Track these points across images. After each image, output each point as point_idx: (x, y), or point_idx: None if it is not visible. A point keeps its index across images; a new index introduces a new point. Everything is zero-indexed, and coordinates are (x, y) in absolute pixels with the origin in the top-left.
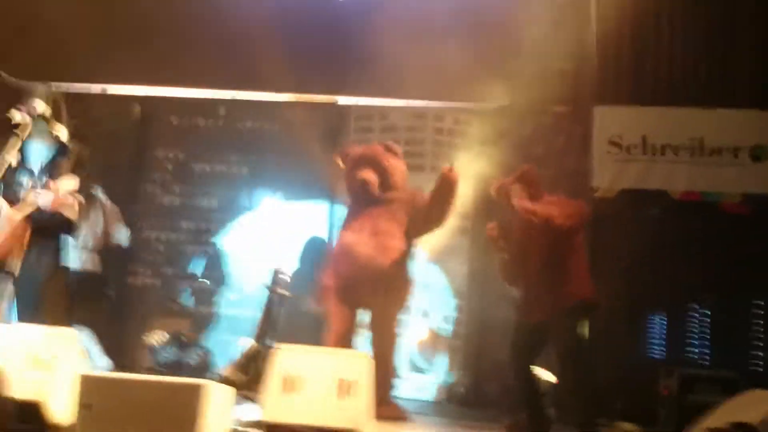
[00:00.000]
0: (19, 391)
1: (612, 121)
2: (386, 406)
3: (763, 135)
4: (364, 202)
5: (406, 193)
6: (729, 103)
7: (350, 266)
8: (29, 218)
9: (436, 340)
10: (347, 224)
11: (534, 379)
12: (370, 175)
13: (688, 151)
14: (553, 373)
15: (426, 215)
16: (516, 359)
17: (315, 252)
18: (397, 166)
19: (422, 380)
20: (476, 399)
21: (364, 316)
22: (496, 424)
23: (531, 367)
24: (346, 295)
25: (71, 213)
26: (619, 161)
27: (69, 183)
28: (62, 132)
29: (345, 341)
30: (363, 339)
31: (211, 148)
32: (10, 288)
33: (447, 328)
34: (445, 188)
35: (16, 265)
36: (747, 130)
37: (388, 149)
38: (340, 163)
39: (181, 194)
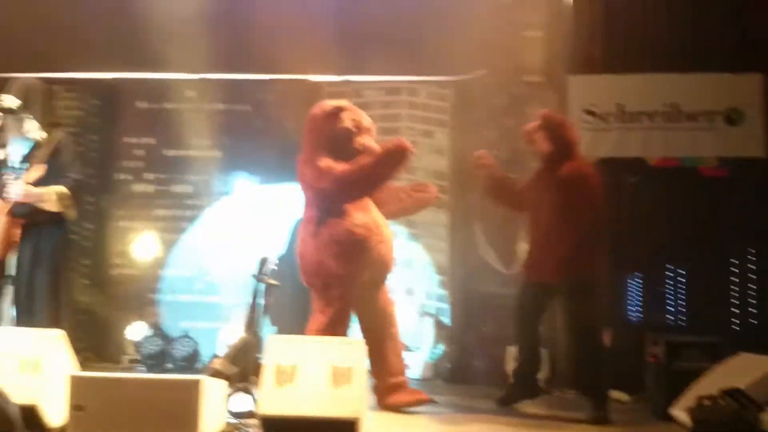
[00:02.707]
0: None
1: (586, 89)
2: (407, 392)
3: (737, 98)
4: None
5: None
6: (703, 68)
7: (364, 260)
8: (11, 214)
9: (421, 317)
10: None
11: (536, 345)
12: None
13: (664, 117)
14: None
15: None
16: (519, 321)
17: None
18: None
19: (409, 358)
20: (463, 374)
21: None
22: (485, 399)
23: (534, 331)
24: (351, 285)
25: (51, 205)
26: (594, 130)
27: (33, 173)
28: (31, 125)
29: (339, 329)
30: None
31: (182, 133)
32: (5, 287)
33: (431, 304)
34: (423, 204)
35: (9, 264)
36: (722, 94)
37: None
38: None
39: (155, 181)
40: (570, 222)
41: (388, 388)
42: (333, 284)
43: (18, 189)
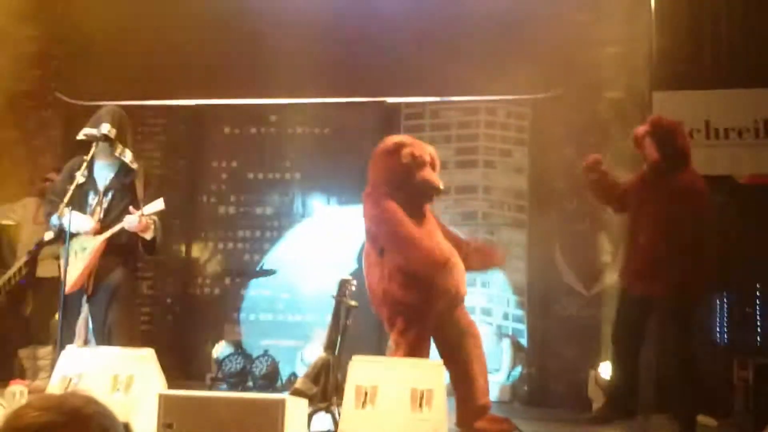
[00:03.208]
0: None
1: (671, 106)
2: (493, 419)
3: None
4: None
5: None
6: None
7: (430, 287)
8: (109, 240)
9: (498, 339)
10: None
11: (634, 362)
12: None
13: (753, 133)
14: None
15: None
16: (617, 335)
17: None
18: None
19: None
20: (542, 397)
21: None
22: (563, 423)
23: (633, 346)
24: (421, 314)
25: (150, 234)
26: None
27: (155, 205)
28: (127, 154)
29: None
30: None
31: (263, 156)
32: (86, 309)
33: (509, 325)
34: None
35: (89, 286)
36: None
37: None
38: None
39: (238, 203)
40: (679, 236)
41: (474, 410)
42: (401, 313)
43: (133, 221)
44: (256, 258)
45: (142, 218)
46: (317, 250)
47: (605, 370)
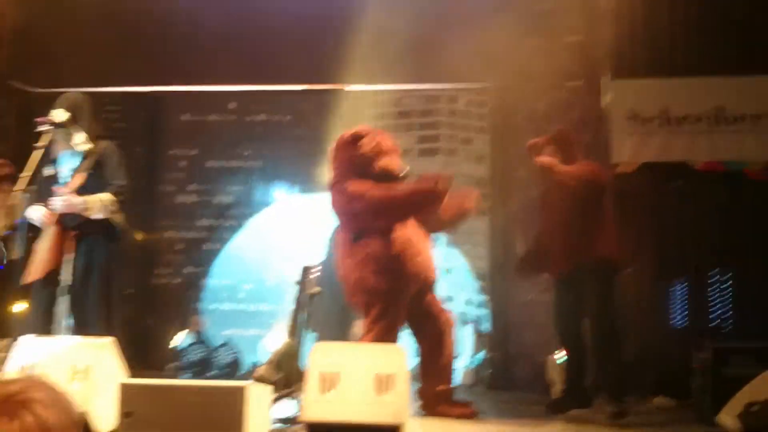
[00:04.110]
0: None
1: (629, 94)
2: (455, 404)
3: None
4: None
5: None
6: (749, 70)
7: (404, 274)
8: (61, 225)
9: (461, 324)
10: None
11: (578, 346)
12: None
13: (709, 120)
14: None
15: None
16: (556, 320)
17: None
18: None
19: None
20: (504, 381)
21: None
22: (526, 405)
23: (573, 331)
24: (395, 300)
25: (95, 212)
26: (638, 135)
27: (75, 182)
28: (78, 137)
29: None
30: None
31: (224, 144)
32: (61, 297)
33: (471, 311)
34: (464, 218)
35: (63, 273)
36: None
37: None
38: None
39: (198, 192)
40: (574, 212)
41: (435, 395)
42: (375, 302)
43: (60, 199)
44: (216, 247)
45: (71, 198)
46: (279, 239)
47: (559, 355)
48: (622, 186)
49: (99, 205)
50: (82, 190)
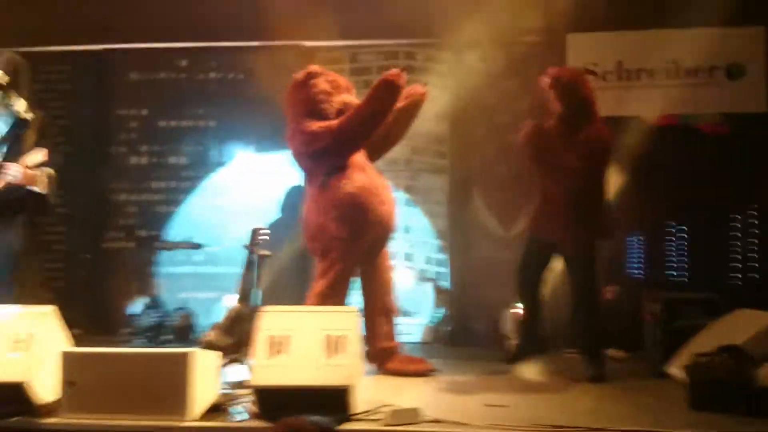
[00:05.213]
0: (2, 373)
1: (586, 48)
2: (411, 360)
3: (738, 53)
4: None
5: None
6: (703, 22)
7: (365, 222)
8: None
9: (420, 282)
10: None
11: (538, 301)
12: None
13: (664, 73)
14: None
15: (387, 135)
16: (522, 277)
17: (296, 202)
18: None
19: (409, 323)
20: (464, 338)
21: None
22: (483, 361)
23: (536, 287)
24: (352, 248)
25: (42, 187)
26: (597, 89)
27: (36, 156)
28: (20, 104)
29: (339, 293)
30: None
31: (175, 103)
32: None
33: (431, 269)
34: (414, 107)
35: None
36: (723, 48)
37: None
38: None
39: (150, 153)
40: (586, 186)
41: (380, 353)
42: (333, 248)
43: (17, 172)
44: (171, 209)
45: (27, 170)
46: (234, 200)
47: (517, 309)
48: None
49: (46, 180)
50: (9, 158)
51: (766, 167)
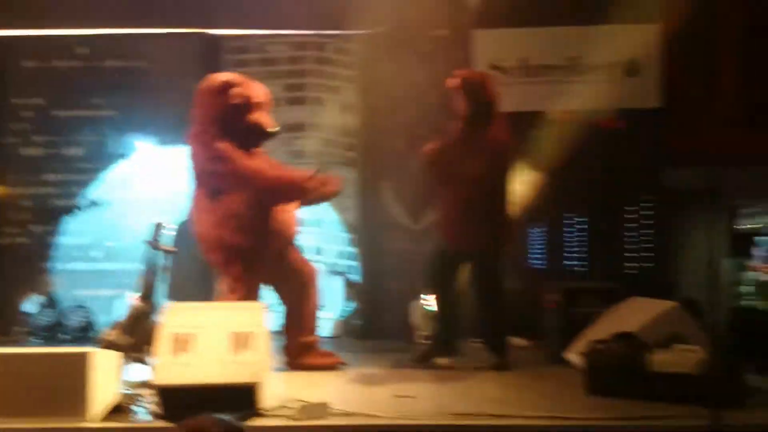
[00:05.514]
0: None
1: (491, 44)
2: (320, 354)
3: (636, 49)
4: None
5: None
6: (604, 20)
7: (265, 230)
8: None
9: (331, 276)
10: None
11: (454, 308)
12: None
13: (565, 70)
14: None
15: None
16: (437, 286)
17: None
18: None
19: (320, 317)
20: (374, 331)
21: None
22: (392, 353)
23: (451, 294)
24: (256, 258)
25: None
26: (501, 85)
27: None
28: None
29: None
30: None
31: (72, 92)
32: None
33: (341, 263)
34: (325, 198)
35: None
36: (621, 45)
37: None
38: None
39: (45, 144)
40: (491, 192)
41: (298, 347)
42: (236, 259)
43: None
44: (67, 203)
45: None
46: (135, 194)
47: (425, 302)
48: None
49: None
50: None
51: (660, 161)
